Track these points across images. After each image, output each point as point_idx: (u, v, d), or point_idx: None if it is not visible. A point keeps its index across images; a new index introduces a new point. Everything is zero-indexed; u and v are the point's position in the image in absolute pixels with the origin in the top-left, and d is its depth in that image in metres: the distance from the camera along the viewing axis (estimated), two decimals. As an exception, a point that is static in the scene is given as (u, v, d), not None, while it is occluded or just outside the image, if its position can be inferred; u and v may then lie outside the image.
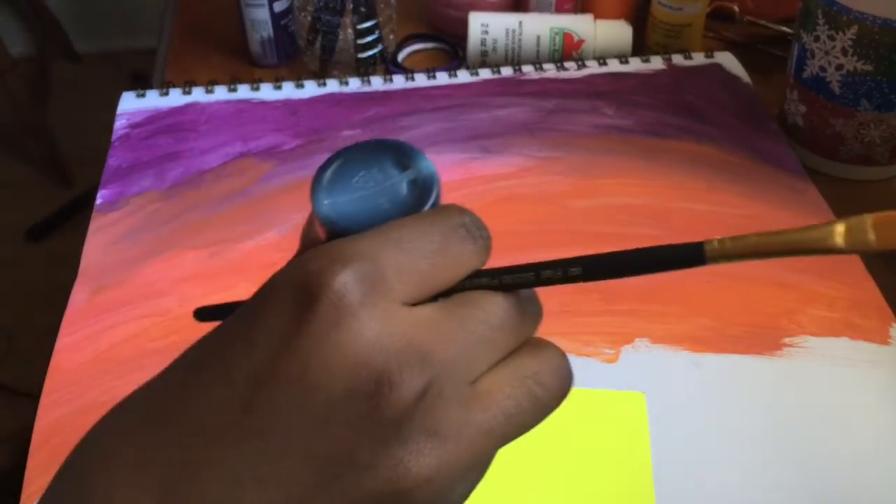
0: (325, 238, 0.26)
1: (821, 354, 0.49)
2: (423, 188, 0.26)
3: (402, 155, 0.26)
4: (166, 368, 0.25)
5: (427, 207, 0.26)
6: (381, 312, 0.22)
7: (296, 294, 0.22)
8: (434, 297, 0.24)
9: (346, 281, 0.22)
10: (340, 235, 0.24)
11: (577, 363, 0.48)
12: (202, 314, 0.29)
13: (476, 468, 0.23)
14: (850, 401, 0.47)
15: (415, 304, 0.23)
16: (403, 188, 0.26)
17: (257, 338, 0.22)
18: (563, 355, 0.25)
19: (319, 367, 0.21)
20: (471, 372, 0.23)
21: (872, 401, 0.47)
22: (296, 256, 0.25)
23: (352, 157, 0.27)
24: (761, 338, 0.50)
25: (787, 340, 0.50)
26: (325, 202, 0.26)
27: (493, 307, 0.24)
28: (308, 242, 0.27)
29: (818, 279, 0.54)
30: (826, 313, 0.52)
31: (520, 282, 0.25)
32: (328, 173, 0.26)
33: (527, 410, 0.24)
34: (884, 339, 0.50)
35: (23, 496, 0.44)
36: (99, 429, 0.24)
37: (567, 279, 0.24)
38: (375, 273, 0.22)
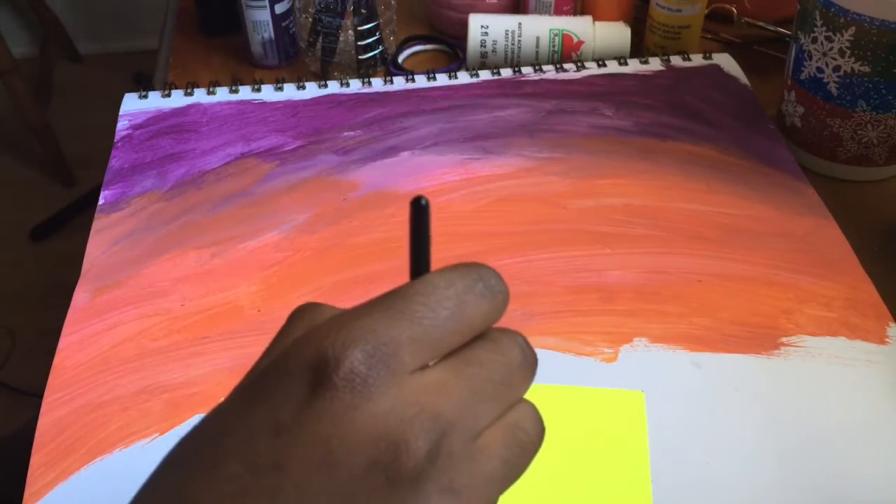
0: None
1: (818, 354, 0.50)
2: None
3: None
4: (176, 451, 0.24)
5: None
6: (394, 387, 0.23)
7: (308, 374, 0.23)
8: None
9: (356, 362, 0.23)
10: None
11: (577, 363, 0.49)
12: None
13: None
14: (848, 400, 0.47)
15: (425, 366, 0.24)
16: None
17: (273, 419, 0.23)
18: (532, 403, 0.27)
19: (340, 447, 0.22)
20: (476, 428, 0.24)
21: (869, 400, 0.47)
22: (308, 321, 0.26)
23: None
24: (759, 337, 0.51)
25: (784, 340, 0.51)
26: None
27: (496, 365, 0.25)
28: None
29: (816, 279, 0.54)
30: (824, 313, 0.52)
31: None
32: None
33: (518, 455, 0.25)
34: (881, 339, 0.51)
35: (25, 495, 0.44)
36: None
37: None
38: (386, 350, 0.23)
